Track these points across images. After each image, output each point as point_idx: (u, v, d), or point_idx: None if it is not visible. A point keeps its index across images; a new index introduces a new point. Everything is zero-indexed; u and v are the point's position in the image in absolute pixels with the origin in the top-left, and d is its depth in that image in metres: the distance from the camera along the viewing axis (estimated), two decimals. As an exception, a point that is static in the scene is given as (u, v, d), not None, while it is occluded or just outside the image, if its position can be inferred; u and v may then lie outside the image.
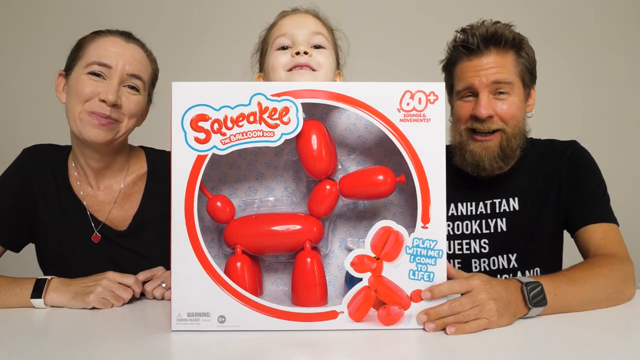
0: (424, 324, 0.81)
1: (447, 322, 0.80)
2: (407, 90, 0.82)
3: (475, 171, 1.18)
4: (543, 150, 1.24)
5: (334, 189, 0.87)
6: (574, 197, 1.17)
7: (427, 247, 0.81)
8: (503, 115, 1.14)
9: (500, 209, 1.23)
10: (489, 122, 1.14)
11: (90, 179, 1.17)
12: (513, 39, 1.14)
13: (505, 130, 1.14)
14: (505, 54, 1.14)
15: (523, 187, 1.22)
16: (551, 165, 1.21)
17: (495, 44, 1.13)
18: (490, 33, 1.13)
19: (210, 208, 0.87)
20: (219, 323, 0.81)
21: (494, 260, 1.23)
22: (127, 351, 0.75)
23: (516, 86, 1.15)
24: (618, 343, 0.77)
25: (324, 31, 1.01)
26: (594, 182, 1.18)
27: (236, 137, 0.81)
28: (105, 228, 1.16)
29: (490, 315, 0.80)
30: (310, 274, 0.85)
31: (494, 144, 1.15)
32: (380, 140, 0.94)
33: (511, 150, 1.16)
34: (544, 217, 1.20)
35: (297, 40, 0.97)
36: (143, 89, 1.12)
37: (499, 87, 1.13)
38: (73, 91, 1.08)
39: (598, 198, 1.16)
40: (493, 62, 1.13)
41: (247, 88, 0.81)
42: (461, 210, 1.24)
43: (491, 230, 1.22)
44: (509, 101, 1.14)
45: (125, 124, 1.10)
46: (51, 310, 0.97)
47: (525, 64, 1.16)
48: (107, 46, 1.08)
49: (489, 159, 1.15)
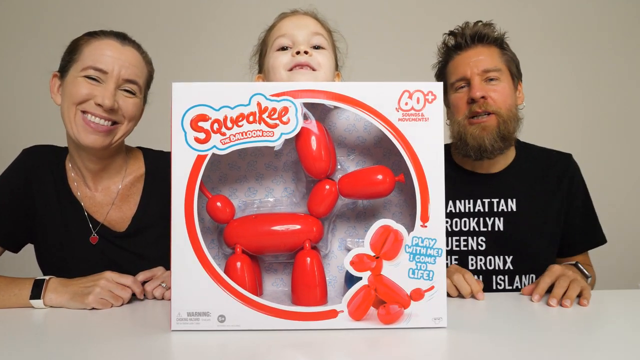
0: (551, 300, 0.96)
1: (570, 295, 0.97)
2: (405, 90, 0.82)
3: (479, 155, 1.24)
4: (542, 158, 1.31)
5: (333, 188, 0.87)
6: (572, 217, 1.28)
7: (427, 245, 0.82)
8: (496, 99, 1.23)
9: (498, 209, 1.27)
10: (484, 104, 1.22)
11: (87, 180, 1.17)
12: (495, 37, 1.27)
13: (499, 113, 1.23)
14: (490, 48, 1.27)
15: (523, 190, 1.27)
16: (555, 176, 1.28)
17: (480, 40, 1.26)
18: (475, 31, 1.27)
19: (210, 208, 0.87)
20: (218, 322, 0.81)
21: (490, 260, 1.26)
22: (127, 351, 0.75)
23: (504, 73, 1.25)
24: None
25: (323, 32, 1.03)
26: (590, 203, 1.30)
27: (236, 137, 0.82)
28: (103, 229, 1.16)
29: (574, 279, 0.99)
30: (310, 273, 0.85)
31: (491, 125, 1.23)
32: (379, 141, 0.94)
33: (508, 132, 1.23)
34: (543, 223, 1.26)
35: (297, 41, 0.98)
36: (139, 92, 1.12)
37: (488, 74, 1.24)
38: (68, 93, 1.07)
39: (592, 221, 1.30)
40: (481, 54, 1.25)
41: (246, 88, 0.82)
42: (459, 208, 1.28)
43: (488, 229, 1.26)
44: (500, 86, 1.24)
45: (124, 127, 1.11)
46: (50, 310, 0.97)
47: (509, 58, 1.27)
48: (102, 50, 1.07)
49: (489, 139, 1.22)
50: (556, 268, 1.04)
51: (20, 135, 1.67)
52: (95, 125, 1.06)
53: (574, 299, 0.97)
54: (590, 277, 1.11)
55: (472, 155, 1.25)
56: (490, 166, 1.29)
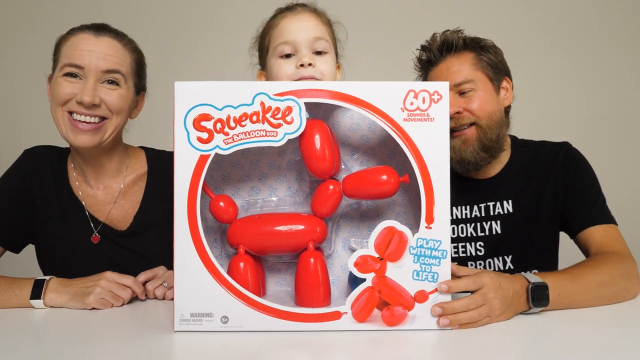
0: (439, 317, 0.81)
1: (461, 319, 0.81)
2: (410, 90, 0.81)
3: (464, 168, 1.21)
4: (535, 152, 1.26)
5: (337, 188, 0.86)
6: (570, 199, 1.20)
7: (431, 247, 0.81)
8: (472, 110, 1.19)
9: (494, 212, 1.24)
10: (460, 118, 1.19)
11: (89, 179, 1.16)
12: (464, 42, 1.21)
13: (478, 123, 1.19)
14: (460, 56, 1.21)
15: (517, 189, 1.24)
16: (544, 167, 1.23)
17: (449, 50, 1.21)
18: (441, 42, 1.22)
19: (213, 208, 0.86)
20: (222, 324, 0.81)
21: (489, 263, 1.24)
22: (130, 352, 0.75)
23: (479, 82, 1.20)
24: (619, 340, 0.77)
25: (324, 32, 1.00)
26: (588, 184, 1.21)
27: (239, 136, 0.81)
28: (105, 228, 1.15)
29: (494, 314, 0.82)
30: (314, 274, 0.84)
31: (471, 137, 1.19)
32: (383, 140, 0.93)
33: (489, 140, 1.19)
34: (539, 219, 1.22)
35: (300, 50, 0.96)
36: (124, 81, 1.08)
37: (460, 88, 1.19)
38: (52, 95, 1.06)
39: (594, 199, 1.18)
40: (451, 66, 1.20)
41: (250, 87, 0.81)
42: (456, 214, 1.26)
43: (486, 233, 1.24)
44: (475, 96, 1.19)
45: (114, 122, 1.08)
46: (50, 310, 0.96)
47: (486, 60, 1.21)
48: (77, 45, 1.05)
49: (470, 152, 1.19)
50: (485, 279, 0.83)
51: (21, 136, 1.66)
52: (82, 125, 1.05)
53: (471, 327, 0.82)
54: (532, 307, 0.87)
55: (458, 168, 1.20)
56: (485, 171, 1.26)
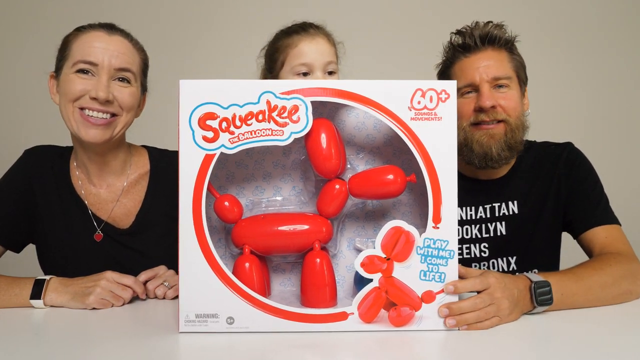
0: (445, 318, 0.80)
1: (468, 319, 0.80)
2: (418, 89, 0.81)
3: (483, 162, 1.18)
4: (539, 153, 1.26)
5: (343, 188, 0.86)
6: (573, 200, 1.19)
7: (439, 247, 0.81)
8: (505, 107, 1.17)
9: (499, 213, 1.24)
10: (493, 112, 1.16)
11: (93, 177, 1.16)
12: (506, 39, 1.20)
13: (508, 121, 1.17)
14: (500, 52, 1.19)
15: (522, 190, 1.23)
16: (548, 168, 1.23)
17: (490, 43, 1.19)
18: (485, 32, 1.19)
19: (218, 208, 0.85)
20: (227, 324, 0.80)
21: (493, 263, 1.24)
22: (135, 352, 0.74)
23: (514, 81, 1.19)
24: (623, 340, 0.78)
25: (333, 54, 1.18)
26: (592, 184, 1.20)
27: (245, 135, 0.80)
28: (107, 226, 1.14)
29: (502, 313, 0.82)
30: (320, 274, 0.84)
31: (499, 132, 1.17)
32: (389, 139, 0.93)
33: (515, 141, 1.18)
34: (542, 219, 1.22)
35: (315, 72, 1.14)
36: (134, 80, 1.10)
37: (498, 82, 1.17)
38: (63, 91, 1.06)
39: (597, 200, 1.18)
40: (490, 59, 1.18)
41: (256, 86, 0.80)
42: (461, 215, 1.25)
43: (491, 234, 1.24)
44: (509, 94, 1.18)
45: (124, 118, 1.09)
46: (51, 310, 0.95)
47: (518, 63, 1.21)
48: (90, 42, 1.06)
49: (496, 147, 1.16)
50: (491, 279, 0.83)
51: (22, 136, 1.66)
52: (94, 120, 1.05)
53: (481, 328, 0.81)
54: (537, 307, 0.88)
55: (476, 162, 1.19)
56: (492, 173, 1.24)
